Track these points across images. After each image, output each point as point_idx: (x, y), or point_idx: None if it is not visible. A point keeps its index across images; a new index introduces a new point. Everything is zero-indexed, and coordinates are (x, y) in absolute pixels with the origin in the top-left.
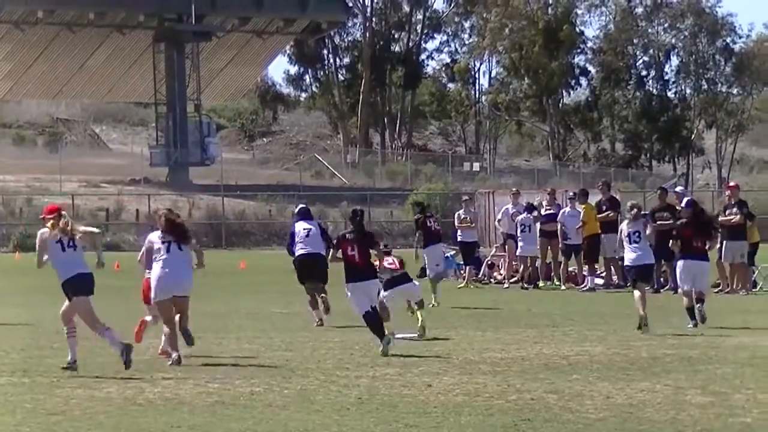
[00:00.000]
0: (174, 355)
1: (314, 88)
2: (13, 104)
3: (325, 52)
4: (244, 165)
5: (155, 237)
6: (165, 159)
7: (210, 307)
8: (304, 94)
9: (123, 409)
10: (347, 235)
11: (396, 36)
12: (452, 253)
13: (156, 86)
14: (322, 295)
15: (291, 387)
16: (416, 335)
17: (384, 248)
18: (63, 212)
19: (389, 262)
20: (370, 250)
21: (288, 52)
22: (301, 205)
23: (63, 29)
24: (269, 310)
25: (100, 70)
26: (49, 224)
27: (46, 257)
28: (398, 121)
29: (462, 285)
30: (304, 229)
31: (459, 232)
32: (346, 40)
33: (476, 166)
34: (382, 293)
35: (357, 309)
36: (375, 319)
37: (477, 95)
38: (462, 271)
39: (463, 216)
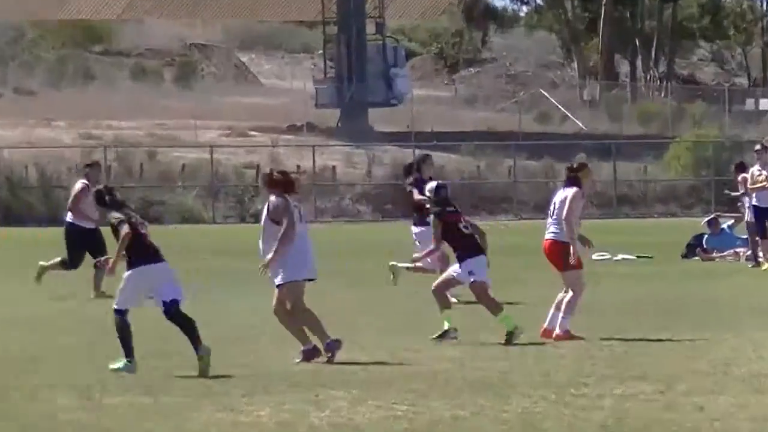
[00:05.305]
0: None
1: (539, 0)
2: (132, 25)
3: None
4: (443, 105)
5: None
6: (336, 98)
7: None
8: (525, 9)
9: None
10: None
11: None
12: (730, 223)
13: None
14: None
15: (510, 410)
16: None
17: None
18: None
19: None
20: None
21: None
22: None
23: None
24: None
25: None
26: None
27: None
28: (654, 44)
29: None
30: None
31: (754, 196)
32: None
33: (764, 103)
34: None
35: None
36: None
37: (765, 6)
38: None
39: (758, 172)
